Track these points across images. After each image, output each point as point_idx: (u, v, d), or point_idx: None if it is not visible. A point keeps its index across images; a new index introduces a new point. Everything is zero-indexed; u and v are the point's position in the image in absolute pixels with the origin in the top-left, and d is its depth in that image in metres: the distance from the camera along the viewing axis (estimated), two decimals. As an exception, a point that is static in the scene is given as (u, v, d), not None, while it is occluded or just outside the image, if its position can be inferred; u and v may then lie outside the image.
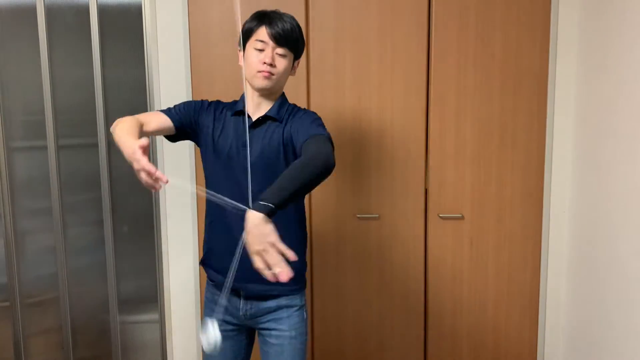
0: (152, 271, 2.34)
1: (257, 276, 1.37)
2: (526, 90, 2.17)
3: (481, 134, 2.20)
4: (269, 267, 1.13)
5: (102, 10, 2.20)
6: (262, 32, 1.49)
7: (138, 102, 2.24)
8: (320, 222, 2.25)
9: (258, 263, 1.14)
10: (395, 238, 2.26)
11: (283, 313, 1.56)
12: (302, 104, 2.18)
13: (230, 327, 1.61)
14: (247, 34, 1.52)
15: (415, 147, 2.21)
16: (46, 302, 2.37)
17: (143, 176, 1.17)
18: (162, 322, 2.36)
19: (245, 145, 1.48)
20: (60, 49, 2.23)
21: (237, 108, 1.56)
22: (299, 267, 1.49)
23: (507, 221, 2.25)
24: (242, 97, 1.58)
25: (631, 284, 1.77)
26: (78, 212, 2.33)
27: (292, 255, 1.14)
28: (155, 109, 2.20)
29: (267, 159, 1.49)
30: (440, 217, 2.24)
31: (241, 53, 1.56)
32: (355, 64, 2.17)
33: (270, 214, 1.16)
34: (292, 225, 1.56)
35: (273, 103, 1.56)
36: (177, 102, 2.17)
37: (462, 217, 2.24)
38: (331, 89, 2.19)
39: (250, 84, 1.54)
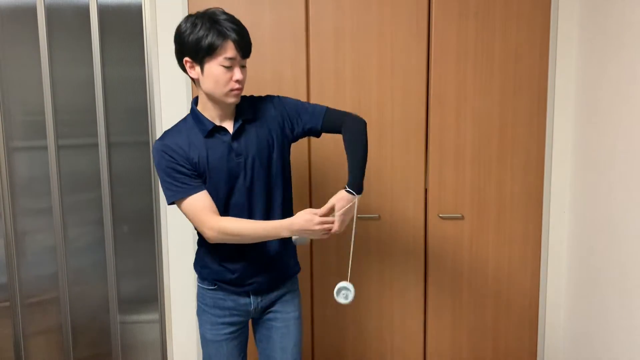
0: (152, 271, 2.34)
1: (265, 269, 1.62)
2: (526, 90, 2.17)
3: (481, 134, 2.20)
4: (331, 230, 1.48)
5: (102, 10, 2.20)
6: (231, 49, 1.40)
7: (138, 102, 2.24)
8: (320, 222, 2.25)
9: (340, 227, 1.49)
10: (395, 238, 2.26)
11: (288, 296, 1.68)
12: (302, 104, 2.18)
13: (235, 327, 1.65)
14: (209, 50, 1.39)
15: (415, 147, 2.21)
16: (46, 302, 2.37)
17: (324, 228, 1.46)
18: (162, 322, 2.36)
19: (239, 154, 1.52)
20: (60, 49, 2.23)
21: (205, 129, 1.49)
22: (294, 253, 1.74)
23: (507, 221, 2.25)
24: (199, 115, 1.51)
25: (631, 284, 1.77)
26: (78, 212, 2.33)
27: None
28: (155, 109, 2.20)
29: (260, 159, 1.54)
30: (440, 217, 2.24)
31: (193, 66, 1.44)
32: (355, 64, 2.17)
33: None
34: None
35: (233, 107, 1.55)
36: (177, 102, 2.19)
37: (462, 217, 2.24)
38: (331, 89, 2.18)
39: (217, 100, 1.48)
